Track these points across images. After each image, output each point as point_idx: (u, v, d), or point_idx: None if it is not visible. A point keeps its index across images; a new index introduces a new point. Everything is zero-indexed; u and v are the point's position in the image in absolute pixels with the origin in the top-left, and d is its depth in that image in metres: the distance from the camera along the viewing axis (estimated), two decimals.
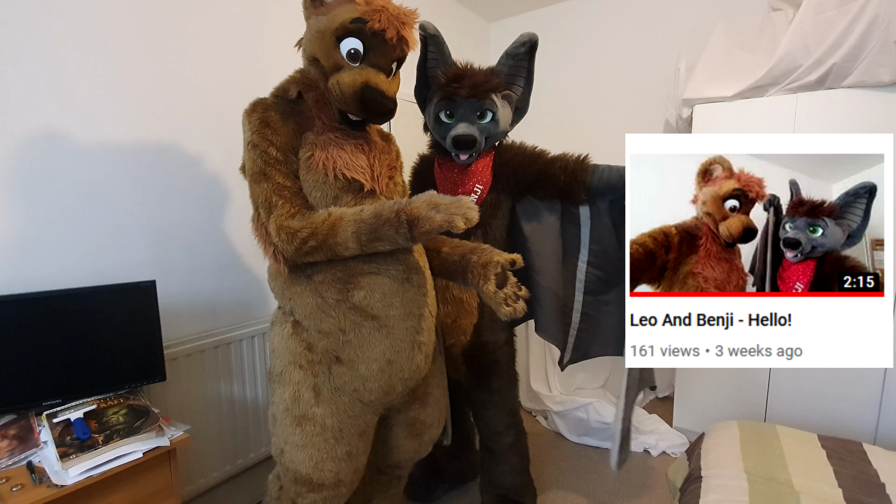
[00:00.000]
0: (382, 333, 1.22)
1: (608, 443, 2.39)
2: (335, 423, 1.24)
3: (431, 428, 1.48)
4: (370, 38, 1.13)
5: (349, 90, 1.14)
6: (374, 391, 1.26)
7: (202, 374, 1.71)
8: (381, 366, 1.23)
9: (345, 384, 1.24)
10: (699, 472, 1.49)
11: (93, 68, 1.45)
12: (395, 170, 1.35)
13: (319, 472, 1.23)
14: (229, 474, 1.82)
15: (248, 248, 1.91)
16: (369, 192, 1.24)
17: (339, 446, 1.24)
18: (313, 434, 1.23)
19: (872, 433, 1.96)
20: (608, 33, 2.91)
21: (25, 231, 1.35)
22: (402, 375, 1.27)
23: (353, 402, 1.26)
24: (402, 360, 1.25)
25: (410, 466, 1.65)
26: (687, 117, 2.35)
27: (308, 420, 1.23)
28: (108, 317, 1.35)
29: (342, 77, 1.15)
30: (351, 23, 1.11)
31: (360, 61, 1.17)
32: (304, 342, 1.25)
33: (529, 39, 1.62)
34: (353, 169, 1.20)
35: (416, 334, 1.27)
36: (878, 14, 1.80)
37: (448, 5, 2.96)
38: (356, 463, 1.29)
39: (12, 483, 1.09)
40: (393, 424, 1.45)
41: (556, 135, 3.11)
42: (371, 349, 1.22)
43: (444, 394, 1.53)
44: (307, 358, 1.24)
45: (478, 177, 1.67)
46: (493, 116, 1.60)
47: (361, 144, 1.26)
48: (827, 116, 1.96)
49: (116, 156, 1.52)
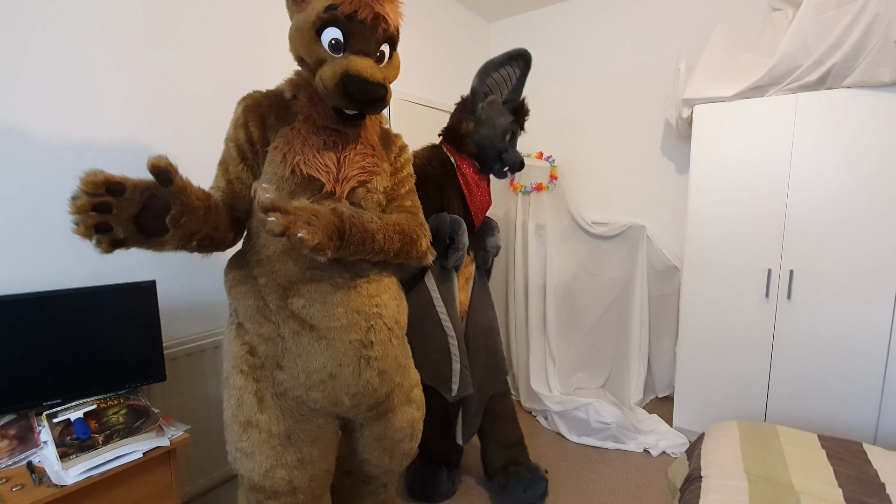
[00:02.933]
0: (322, 345, 1.14)
1: (608, 442, 2.39)
2: (282, 429, 1.18)
3: (401, 443, 1.39)
4: (347, 23, 1.07)
5: (331, 83, 1.07)
6: (319, 401, 1.19)
7: (202, 374, 1.71)
8: (321, 378, 1.16)
9: (287, 391, 1.19)
10: (699, 472, 1.49)
11: (92, 68, 1.45)
12: (372, 175, 1.22)
13: (270, 479, 1.17)
14: (229, 474, 1.82)
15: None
16: (328, 194, 1.16)
17: (287, 453, 1.18)
18: (259, 441, 1.17)
19: (872, 433, 1.96)
20: (608, 33, 2.91)
21: (25, 231, 1.35)
22: (348, 391, 1.18)
23: (301, 405, 1.20)
24: (345, 375, 1.16)
25: (395, 476, 1.56)
26: (687, 117, 2.35)
27: (253, 427, 1.17)
28: (108, 317, 1.35)
29: (324, 71, 1.09)
30: (325, 12, 1.06)
31: (342, 51, 1.10)
32: (246, 345, 1.19)
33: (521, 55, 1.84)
34: (313, 166, 1.13)
35: (364, 348, 1.17)
36: (878, 14, 1.80)
37: (448, 5, 2.96)
38: (312, 469, 1.22)
39: (12, 483, 1.09)
40: (359, 438, 1.38)
41: (556, 135, 3.12)
42: (311, 360, 1.15)
43: (419, 408, 1.43)
44: (248, 362, 1.19)
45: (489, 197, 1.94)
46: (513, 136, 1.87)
47: (338, 144, 1.18)
48: (827, 116, 1.96)
49: (116, 156, 1.52)
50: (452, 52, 2.94)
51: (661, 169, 2.81)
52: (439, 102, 2.76)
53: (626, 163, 2.92)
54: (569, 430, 2.49)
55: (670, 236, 2.75)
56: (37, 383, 1.25)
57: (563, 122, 3.11)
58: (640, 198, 2.88)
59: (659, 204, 2.82)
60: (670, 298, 2.72)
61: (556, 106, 3.11)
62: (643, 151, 2.86)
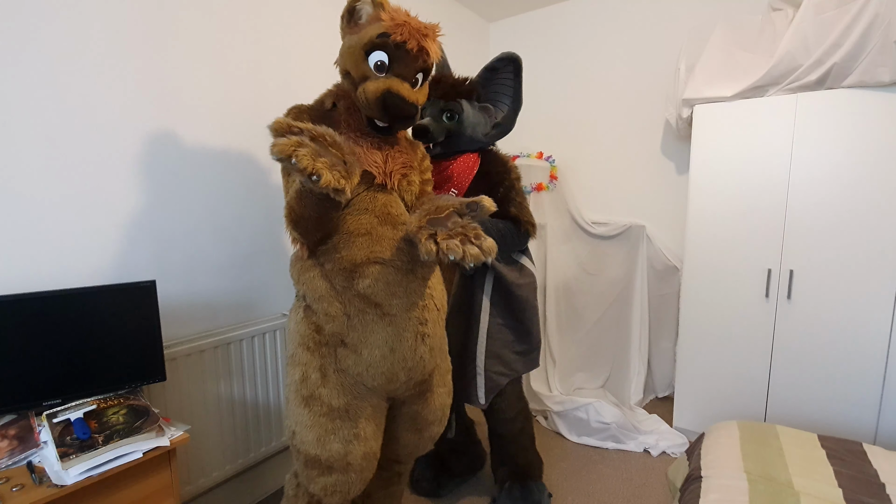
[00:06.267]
0: (385, 321, 1.27)
1: (608, 442, 2.40)
2: (341, 403, 1.29)
3: (432, 425, 1.51)
4: (394, 50, 1.23)
5: (373, 96, 1.24)
6: (377, 377, 1.30)
7: (202, 374, 1.71)
8: (383, 353, 1.28)
9: (349, 367, 1.29)
10: (699, 472, 1.49)
11: (92, 68, 1.45)
12: (410, 168, 1.40)
13: (327, 451, 1.27)
14: (229, 474, 1.82)
15: (249, 248, 1.92)
16: (380, 186, 1.32)
17: (345, 426, 1.29)
18: (320, 414, 1.28)
19: (872, 433, 1.96)
20: (608, 33, 2.91)
21: (25, 231, 1.35)
22: (404, 364, 1.31)
23: (358, 384, 1.31)
24: (404, 349, 1.30)
25: (410, 462, 1.66)
26: (687, 117, 2.35)
27: (315, 400, 1.28)
28: (108, 317, 1.35)
29: (367, 85, 1.25)
30: (377, 37, 1.23)
31: (385, 72, 1.27)
32: (313, 324, 1.31)
33: (509, 58, 1.72)
34: (366, 162, 1.29)
35: (420, 325, 1.32)
36: (878, 14, 1.80)
37: (448, 5, 2.96)
38: (365, 447, 1.31)
39: (12, 483, 1.09)
40: (395, 416, 1.48)
41: (556, 135, 3.12)
42: (374, 335, 1.27)
43: (449, 393, 1.54)
44: (315, 339, 1.30)
45: (454, 181, 1.75)
46: (456, 118, 1.69)
47: (379, 144, 1.34)
48: (827, 116, 1.96)
49: (116, 156, 1.52)
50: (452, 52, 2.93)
51: (661, 169, 2.81)
52: None
53: (626, 163, 2.92)
54: (569, 430, 2.49)
55: (670, 236, 2.76)
56: (37, 383, 1.25)
57: (563, 122, 3.11)
58: (640, 198, 2.89)
59: (659, 204, 2.82)
60: (670, 298, 2.72)
61: (556, 106, 3.11)
62: (643, 151, 2.86)
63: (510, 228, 1.71)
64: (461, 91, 1.71)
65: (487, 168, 1.78)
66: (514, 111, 1.80)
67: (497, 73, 1.76)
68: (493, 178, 1.76)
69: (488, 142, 1.81)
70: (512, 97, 1.78)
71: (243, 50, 1.84)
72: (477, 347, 1.77)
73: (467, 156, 1.77)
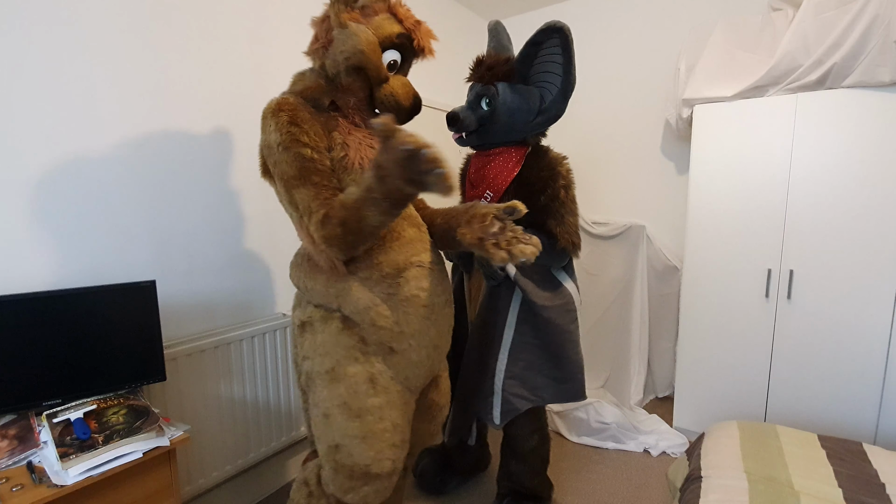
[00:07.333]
0: (431, 321, 1.29)
1: (608, 442, 2.39)
2: (393, 413, 1.26)
3: (442, 409, 1.52)
4: (407, 50, 1.25)
5: (405, 101, 1.26)
6: (421, 376, 1.33)
7: (202, 374, 1.71)
8: (428, 352, 1.31)
9: (398, 373, 1.28)
10: (699, 472, 1.49)
11: (92, 68, 1.44)
12: None
13: (380, 462, 1.22)
14: (229, 474, 1.82)
15: (248, 248, 1.92)
16: None
17: (396, 434, 1.26)
18: (373, 423, 1.22)
19: (872, 433, 1.96)
20: (608, 33, 2.92)
21: (25, 231, 1.35)
22: (440, 358, 1.37)
23: (404, 390, 1.31)
24: (443, 344, 1.35)
25: (415, 456, 1.64)
26: (687, 117, 2.35)
27: (367, 411, 1.23)
28: (108, 317, 1.35)
29: (395, 88, 1.25)
30: (397, 37, 1.22)
31: (393, 70, 1.27)
32: (356, 335, 1.25)
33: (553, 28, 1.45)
34: None
35: (451, 318, 1.38)
36: (878, 14, 1.80)
37: (448, 5, 2.96)
38: (405, 448, 1.32)
39: (12, 483, 1.09)
40: None
41: (556, 135, 3.12)
42: (422, 336, 1.28)
43: (447, 376, 1.56)
44: (362, 350, 1.25)
45: (489, 183, 1.60)
46: (487, 102, 1.54)
47: None
48: (827, 116, 1.96)
49: (116, 156, 1.52)
50: (452, 51, 2.94)
51: (661, 169, 2.81)
52: (438, 102, 2.76)
53: (626, 163, 2.92)
54: (569, 430, 2.49)
55: (670, 236, 2.76)
56: (37, 383, 1.25)
57: (563, 121, 3.09)
58: (640, 198, 2.89)
59: (659, 204, 2.82)
60: (670, 298, 2.72)
61: None
62: (643, 151, 2.86)
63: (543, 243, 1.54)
64: (498, 73, 1.50)
65: (529, 172, 1.58)
66: (563, 94, 1.53)
67: (540, 48, 1.49)
68: (534, 186, 1.56)
69: (532, 131, 1.59)
70: (561, 76, 1.49)
71: (244, 50, 1.84)
72: (497, 364, 1.65)
73: (508, 153, 1.57)
